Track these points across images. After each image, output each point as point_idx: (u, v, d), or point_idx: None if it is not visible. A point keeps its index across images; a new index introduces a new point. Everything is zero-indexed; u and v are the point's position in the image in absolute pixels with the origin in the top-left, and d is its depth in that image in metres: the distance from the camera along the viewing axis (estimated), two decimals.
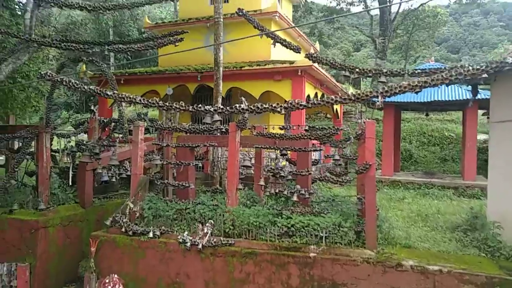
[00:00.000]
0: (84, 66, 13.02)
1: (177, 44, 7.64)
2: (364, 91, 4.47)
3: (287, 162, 8.41)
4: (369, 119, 6.95)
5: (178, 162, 7.28)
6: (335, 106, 16.33)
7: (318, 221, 5.87)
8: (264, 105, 4.63)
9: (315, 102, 4.56)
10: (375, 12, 35.59)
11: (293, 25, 14.32)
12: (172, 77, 13.08)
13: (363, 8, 35.85)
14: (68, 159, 8.15)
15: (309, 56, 6.32)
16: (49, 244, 7.53)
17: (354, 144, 7.25)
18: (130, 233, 6.55)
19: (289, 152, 7.17)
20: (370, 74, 5.85)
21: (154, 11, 36.42)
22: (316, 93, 13.39)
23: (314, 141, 7.61)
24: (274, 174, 6.89)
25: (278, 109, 4.59)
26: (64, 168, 8.94)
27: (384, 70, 5.82)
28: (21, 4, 11.46)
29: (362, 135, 6.22)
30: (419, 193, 11.77)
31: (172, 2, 34.50)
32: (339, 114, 17.39)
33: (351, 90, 18.25)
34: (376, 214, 5.86)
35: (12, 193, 8.19)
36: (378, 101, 4.83)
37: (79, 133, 8.97)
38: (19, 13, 11.36)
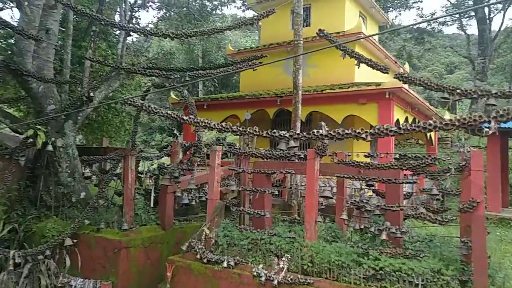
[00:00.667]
0: (171, 95, 13.72)
1: (255, 68, 7.50)
2: (472, 115, 3.70)
3: (374, 194, 7.61)
4: (472, 147, 5.95)
5: (254, 188, 6.98)
6: (428, 133, 14.87)
7: (413, 265, 5.02)
8: (347, 131, 4.09)
9: (409, 127, 3.90)
10: (472, 31, 32.70)
11: (379, 45, 13.51)
12: (252, 101, 13.10)
13: (457, 28, 33.26)
14: (151, 181, 8.38)
15: (399, 77, 5.62)
16: (130, 264, 7.67)
17: (455, 176, 6.27)
18: (205, 260, 6.34)
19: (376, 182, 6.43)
20: (474, 95, 4.96)
21: (240, 41, 37.97)
22: (406, 118, 12.29)
23: (406, 172, 6.74)
24: (358, 207, 6.19)
25: (363, 135, 4.01)
26: (148, 189, 9.25)
27: (494, 91, 4.90)
28: (117, 36, 12.61)
29: (466, 167, 5.30)
30: None
31: (257, 31, 35.76)
32: (434, 141, 15.81)
33: (447, 115, 16.51)
34: (487, 262, 4.85)
35: (100, 212, 8.62)
36: (489, 127, 3.99)
37: (162, 156, 9.23)
38: (115, 44, 12.48)
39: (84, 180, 9.56)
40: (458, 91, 5.18)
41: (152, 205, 8.75)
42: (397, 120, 11.48)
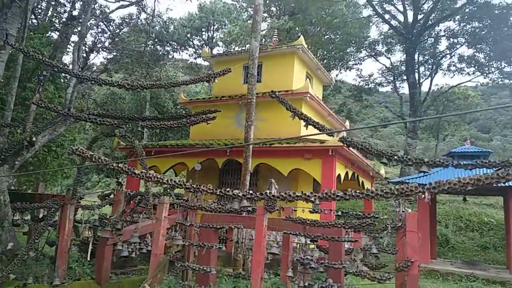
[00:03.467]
0: (116, 139, 13.41)
1: (209, 122, 7.70)
2: (409, 185, 4.12)
3: (316, 248, 7.83)
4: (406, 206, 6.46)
5: (201, 243, 6.89)
6: (365, 185, 15.77)
7: None
8: (297, 194, 4.33)
9: (353, 194, 4.23)
10: (405, 91, 36.11)
11: (323, 104, 14.48)
12: (201, 151, 13.16)
13: (391, 89, 36.61)
14: (90, 233, 7.93)
15: (343, 140, 6.10)
16: None
17: (392, 233, 6.70)
18: None
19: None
20: (410, 163, 5.50)
21: (190, 86, 38.37)
22: (346, 172, 13.02)
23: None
24: (303, 264, 6.34)
25: (312, 199, 4.26)
26: (84, 240, 8.70)
27: (426, 159, 5.47)
28: (65, 79, 12.28)
29: (401, 228, 5.73)
30: (460, 286, 10.62)
31: None
32: None
33: (382, 170, 17.74)
34: None
35: (29, 265, 7.91)
36: (425, 197, 4.42)
37: (104, 205, 8.84)
38: (63, 86, 12.13)
39: (13, 228, 8.79)
40: (395, 157, 5.71)
41: (88, 258, 8.20)
42: (339, 175, 12.12)
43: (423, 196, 4.61)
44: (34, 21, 11.28)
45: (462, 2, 27.98)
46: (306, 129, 7.01)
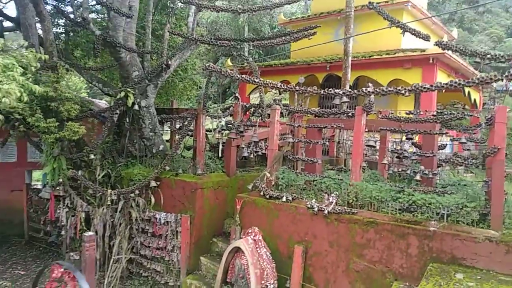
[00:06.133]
0: (228, 60, 15.09)
1: (310, 38, 8.59)
2: (490, 74, 4.72)
3: (413, 147, 8.66)
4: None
5: (308, 140, 8.30)
6: (472, 96, 15.25)
7: (441, 200, 6.13)
8: (389, 88, 5.24)
9: (438, 85, 4.99)
10: None
11: (427, 13, 13.90)
12: (302, 68, 14.15)
13: None
14: (219, 135, 9.92)
15: (438, 44, 6.57)
16: (204, 202, 9.27)
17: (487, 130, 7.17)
18: (267, 196, 7.79)
19: (416, 137, 7.46)
20: (502, 60, 5.85)
21: (285, 7, 38.10)
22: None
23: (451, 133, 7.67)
24: (398, 155, 7.34)
25: (403, 92, 5.14)
26: (214, 144, 10.86)
27: None
28: (183, 10, 14.02)
29: (492, 120, 6.24)
30: None
31: None
32: (478, 105, 16.15)
33: None
34: (503, 197, 5.89)
35: (177, 161, 10.36)
36: (506, 84, 4.98)
37: (226, 116, 10.76)
38: (182, 16, 13.89)
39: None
40: (488, 56, 6.10)
41: (219, 156, 10.34)
42: None
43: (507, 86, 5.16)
44: None
45: None
46: (403, 36, 7.53)
